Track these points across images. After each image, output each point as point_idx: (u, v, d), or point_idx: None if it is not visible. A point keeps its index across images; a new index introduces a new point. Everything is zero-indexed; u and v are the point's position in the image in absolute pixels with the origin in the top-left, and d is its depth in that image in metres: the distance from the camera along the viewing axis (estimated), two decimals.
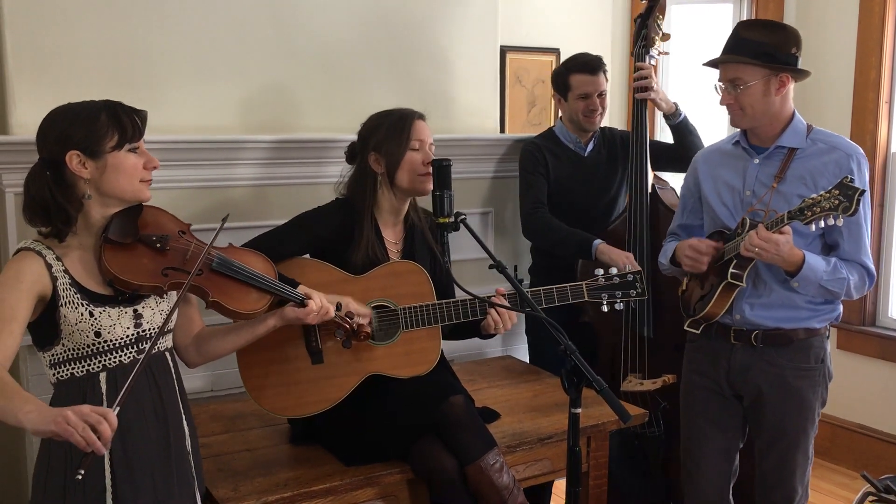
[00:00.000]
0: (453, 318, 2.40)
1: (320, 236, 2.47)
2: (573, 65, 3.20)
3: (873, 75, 3.92)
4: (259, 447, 2.42)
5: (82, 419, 1.51)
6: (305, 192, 2.88)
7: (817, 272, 2.33)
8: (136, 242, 1.87)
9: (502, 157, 3.41)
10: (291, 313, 2.11)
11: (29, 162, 2.48)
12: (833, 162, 2.38)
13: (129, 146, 1.84)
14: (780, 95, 2.39)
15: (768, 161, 2.46)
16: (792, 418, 2.49)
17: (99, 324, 1.80)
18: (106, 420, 1.53)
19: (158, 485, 1.87)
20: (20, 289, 1.75)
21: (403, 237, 2.57)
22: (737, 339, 2.51)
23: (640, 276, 2.49)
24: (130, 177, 1.85)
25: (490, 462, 2.24)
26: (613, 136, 3.31)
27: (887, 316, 4.05)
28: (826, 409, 2.62)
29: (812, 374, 2.49)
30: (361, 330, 2.25)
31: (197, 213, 2.76)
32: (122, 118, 1.83)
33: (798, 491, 2.54)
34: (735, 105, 2.41)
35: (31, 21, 2.55)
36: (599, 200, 3.25)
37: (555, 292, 2.46)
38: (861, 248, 2.40)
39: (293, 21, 2.99)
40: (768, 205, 2.39)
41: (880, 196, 4.00)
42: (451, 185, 2.24)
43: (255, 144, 2.86)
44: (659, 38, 3.16)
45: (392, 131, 2.48)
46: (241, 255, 2.08)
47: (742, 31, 2.40)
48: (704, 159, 2.64)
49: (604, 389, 1.85)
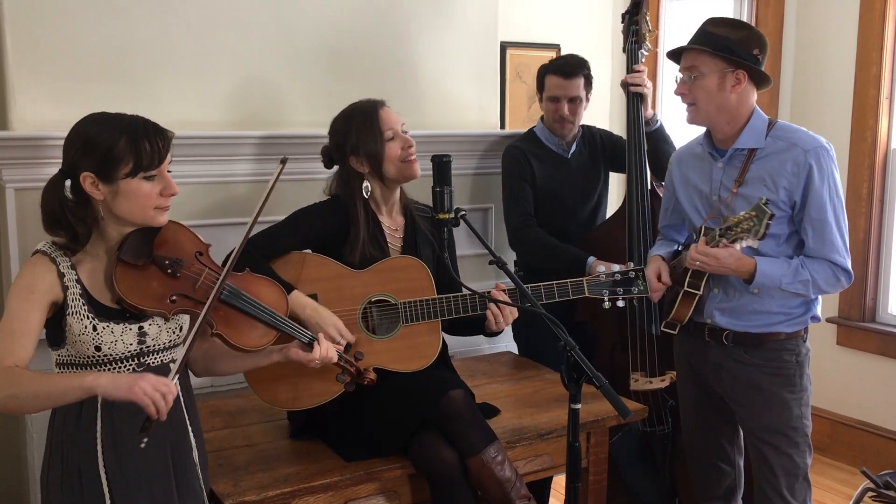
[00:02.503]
0: (453, 312, 2.40)
1: (319, 230, 2.47)
2: (550, 64, 3.17)
3: (874, 71, 3.92)
4: (259, 442, 2.42)
5: (155, 389, 1.65)
6: (304, 188, 2.87)
7: (773, 278, 2.32)
8: (148, 264, 1.84)
9: (503, 153, 3.41)
10: (294, 354, 2.08)
11: (29, 157, 2.51)
12: (791, 160, 2.35)
13: (143, 174, 1.78)
14: (735, 93, 2.37)
15: (730, 164, 2.45)
16: (768, 419, 2.47)
17: (100, 339, 1.80)
18: (171, 391, 1.68)
19: (156, 492, 1.86)
20: (32, 299, 1.75)
21: (404, 224, 2.57)
22: (710, 336, 2.52)
23: (642, 274, 2.48)
24: (143, 206, 1.80)
25: (492, 455, 2.24)
26: (594, 136, 3.27)
27: (887, 312, 4.05)
28: (826, 405, 2.62)
29: (787, 372, 2.46)
30: (366, 375, 2.21)
31: (196, 211, 2.76)
32: (141, 145, 1.77)
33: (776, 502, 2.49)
34: (689, 96, 2.41)
35: (32, 16, 2.55)
36: (586, 203, 3.24)
37: (555, 288, 2.45)
38: (827, 245, 2.34)
39: (293, 17, 2.98)
40: (730, 209, 2.39)
41: (881, 192, 4.00)
42: (451, 180, 2.24)
43: (254, 140, 2.86)
44: (649, 35, 3.15)
45: (363, 131, 2.45)
46: (255, 284, 2.02)
47: (707, 26, 2.41)
48: (678, 161, 2.65)
49: (604, 385, 1.85)
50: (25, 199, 2.52)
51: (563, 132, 3.17)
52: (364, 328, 2.40)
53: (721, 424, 2.63)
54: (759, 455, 2.50)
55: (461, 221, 2.20)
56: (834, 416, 4.15)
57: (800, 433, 2.47)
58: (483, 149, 3.37)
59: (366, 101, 2.51)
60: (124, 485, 1.82)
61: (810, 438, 2.52)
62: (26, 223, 2.53)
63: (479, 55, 3.40)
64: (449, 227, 2.26)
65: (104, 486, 1.81)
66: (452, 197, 2.22)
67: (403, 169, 2.46)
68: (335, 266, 2.42)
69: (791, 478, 2.47)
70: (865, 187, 3.98)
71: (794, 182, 2.32)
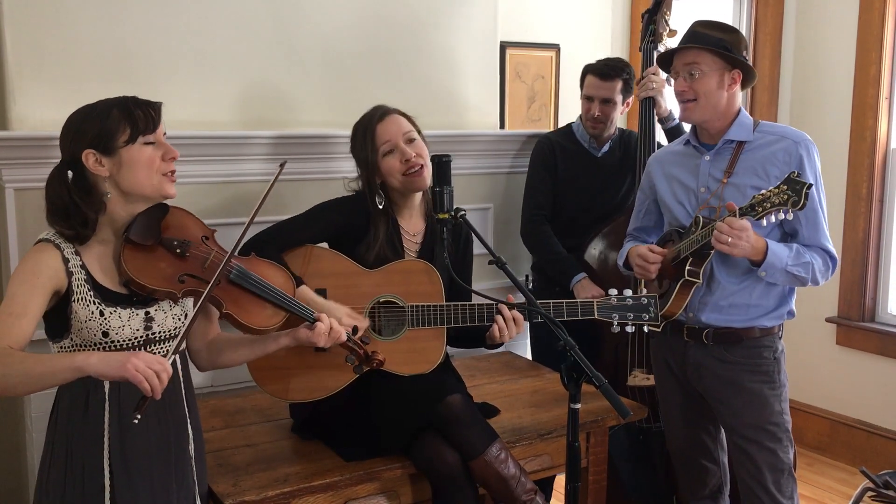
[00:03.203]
0: (459, 321, 2.38)
1: (336, 223, 2.47)
2: (592, 64, 3.22)
3: (873, 71, 3.92)
4: (259, 442, 2.43)
5: (148, 366, 1.62)
6: (313, 188, 2.88)
7: (782, 258, 2.35)
8: (156, 245, 1.85)
9: (502, 152, 3.41)
10: (304, 334, 2.04)
11: (29, 157, 2.51)
12: (782, 150, 2.42)
13: (143, 139, 1.81)
14: (730, 92, 2.45)
15: (718, 156, 2.49)
16: (749, 416, 2.49)
17: (108, 324, 1.80)
18: (165, 370, 1.64)
19: (157, 486, 1.86)
20: (35, 284, 1.74)
21: (423, 230, 2.56)
22: (689, 336, 2.54)
23: (655, 301, 2.37)
24: (148, 170, 1.82)
25: (494, 454, 2.24)
26: (630, 141, 3.29)
27: (886, 312, 4.06)
28: (825, 404, 2.63)
29: (766, 369, 2.49)
30: (374, 357, 2.19)
31: (202, 210, 2.75)
32: (133, 112, 1.80)
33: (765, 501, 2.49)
34: (689, 92, 2.44)
35: (31, 16, 2.55)
36: (606, 201, 3.25)
37: (564, 306, 2.36)
38: (820, 232, 2.42)
39: (292, 17, 2.98)
40: (721, 198, 2.43)
41: (880, 192, 4.00)
42: (451, 180, 2.24)
43: (260, 140, 2.86)
44: (666, 34, 3.16)
45: (361, 145, 2.46)
46: (261, 268, 2.03)
47: (699, 28, 2.46)
48: (658, 161, 2.68)
49: (603, 385, 1.86)
50: (25, 199, 2.52)
51: (594, 131, 3.22)
52: (370, 328, 2.40)
53: (703, 423, 2.65)
54: (742, 453, 2.52)
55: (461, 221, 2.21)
56: (833, 416, 4.16)
57: (781, 428, 2.49)
58: (483, 149, 3.37)
59: (371, 111, 2.51)
60: (126, 477, 1.82)
61: (791, 434, 2.53)
62: (26, 223, 2.53)
63: (479, 55, 3.40)
64: (450, 229, 2.27)
65: (105, 480, 1.81)
66: (452, 197, 2.22)
67: (407, 182, 2.44)
68: (347, 263, 2.42)
69: (777, 473, 2.49)
70: (865, 187, 3.98)
71: (784, 170, 2.35)
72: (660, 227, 2.70)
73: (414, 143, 2.45)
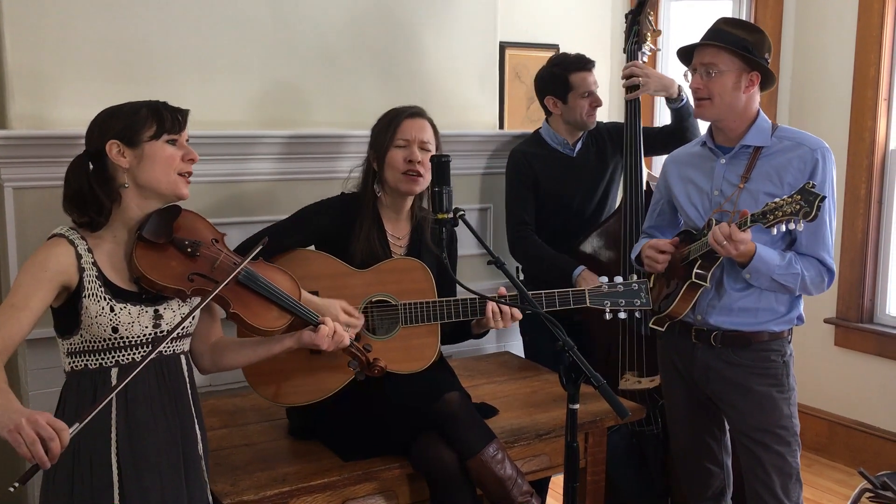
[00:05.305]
0: (453, 316, 2.40)
1: (321, 226, 2.48)
2: (569, 64, 3.18)
3: (872, 72, 3.92)
4: (258, 442, 2.43)
5: (36, 431, 1.50)
6: (318, 187, 2.88)
7: (769, 265, 2.34)
8: (168, 244, 1.89)
9: (501, 152, 3.41)
10: (307, 337, 2.07)
11: (28, 156, 2.51)
12: (798, 158, 2.39)
13: (167, 137, 1.86)
14: (747, 94, 2.42)
15: (735, 160, 2.47)
16: (759, 419, 2.48)
17: (118, 319, 1.82)
18: (59, 437, 1.53)
19: (167, 486, 1.87)
20: (41, 277, 1.76)
21: (409, 233, 2.57)
22: (697, 338, 2.53)
23: (646, 286, 2.47)
24: (167, 167, 1.86)
25: (491, 454, 2.25)
26: (600, 131, 3.28)
27: (885, 313, 4.05)
28: (824, 405, 2.63)
29: (774, 372, 2.48)
30: (376, 364, 2.22)
31: (207, 209, 2.75)
32: (162, 112, 1.87)
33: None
34: (704, 90, 2.42)
35: (31, 14, 2.55)
36: (592, 199, 3.24)
37: (556, 296, 2.44)
38: (819, 242, 2.39)
39: (292, 17, 2.98)
40: (736, 204, 2.41)
41: (879, 193, 4.00)
42: (451, 180, 2.24)
43: (261, 140, 2.86)
44: (651, 35, 3.15)
45: (381, 128, 2.51)
46: (268, 272, 2.06)
47: (723, 26, 2.43)
48: (674, 161, 2.67)
49: (602, 385, 1.85)
50: (24, 198, 2.52)
51: (594, 122, 3.19)
52: (363, 328, 2.40)
53: (709, 426, 2.64)
54: (751, 456, 2.51)
55: (460, 221, 2.20)
56: (831, 417, 4.16)
57: (790, 432, 2.49)
58: (482, 149, 3.37)
59: (405, 107, 2.55)
60: (135, 472, 1.83)
61: (799, 438, 2.52)
62: (25, 222, 2.53)
63: (478, 55, 3.40)
64: (449, 230, 2.27)
65: (114, 475, 1.82)
66: (451, 197, 2.22)
67: (400, 181, 2.46)
68: (337, 264, 2.42)
69: (785, 477, 2.48)
70: (864, 188, 3.98)
71: (798, 178, 2.35)
72: (673, 227, 2.70)
73: (426, 153, 2.48)
